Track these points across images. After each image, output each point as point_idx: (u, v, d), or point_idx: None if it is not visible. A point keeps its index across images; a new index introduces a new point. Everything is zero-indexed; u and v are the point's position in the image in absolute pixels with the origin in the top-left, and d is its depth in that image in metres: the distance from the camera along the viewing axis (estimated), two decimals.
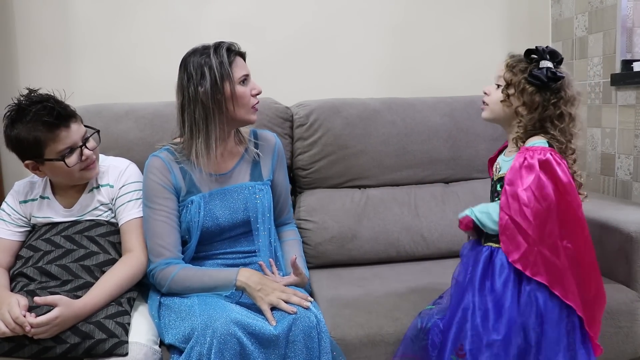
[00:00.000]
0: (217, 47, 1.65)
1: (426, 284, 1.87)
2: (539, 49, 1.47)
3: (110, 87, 2.44)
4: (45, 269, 1.58)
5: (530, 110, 1.47)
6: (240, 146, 1.79)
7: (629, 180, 2.30)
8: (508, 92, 1.49)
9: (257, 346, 1.41)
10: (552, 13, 2.73)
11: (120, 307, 1.54)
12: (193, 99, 1.62)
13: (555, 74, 1.44)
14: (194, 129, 1.64)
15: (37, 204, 1.73)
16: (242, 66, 1.68)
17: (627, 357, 1.77)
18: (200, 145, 1.64)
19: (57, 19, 2.40)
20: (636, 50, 2.31)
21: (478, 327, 1.41)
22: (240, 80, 1.65)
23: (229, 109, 1.64)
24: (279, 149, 1.86)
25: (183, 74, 1.65)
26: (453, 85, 2.61)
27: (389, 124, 2.29)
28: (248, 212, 1.71)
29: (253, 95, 1.69)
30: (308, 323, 1.47)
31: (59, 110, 1.60)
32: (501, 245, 1.43)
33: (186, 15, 2.47)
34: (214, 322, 1.40)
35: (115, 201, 1.74)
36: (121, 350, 1.44)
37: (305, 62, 2.58)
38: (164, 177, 1.68)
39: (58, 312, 1.41)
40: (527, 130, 1.48)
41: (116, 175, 1.76)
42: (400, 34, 2.64)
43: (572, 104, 1.47)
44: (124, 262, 1.63)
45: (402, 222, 2.19)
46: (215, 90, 1.61)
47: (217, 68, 1.61)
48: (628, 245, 1.80)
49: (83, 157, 1.65)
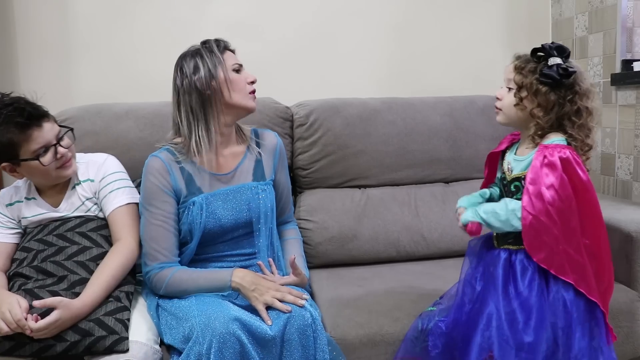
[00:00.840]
0: (204, 42, 1.68)
1: (426, 283, 1.87)
2: (545, 47, 1.43)
3: (110, 87, 2.44)
4: (40, 267, 1.58)
5: (546, 110, 1.43)
6: (242, 145, 1.78)
7: (629, 180, 2.30)
8: (521, 95, 1.44)
9: (255, 345, 1.41)
10: (552, 13, 2.73)
11: (119, 303, 1.54)
12: (188, 90, 1.63)
13: (566, 70, 1.40)
14: (192, 119, 1.64)
15: (24, 205, 1.73)
16: (233, 57, 1.70)
17: (627, 357, 1.77)
18: (201, 133, 1.63)
19: (57, 19, 2.40)
20: (636, 50, 2.31)
21: (506, 331, 1.39)
22: (234, 69, 1.66)
23: (224, 94, 1.64)
24: (281, 148, 1.86)
25: (176, 74, 1.66)
26: (453, 85, 2.61)
27: (389, 124, 2.29)
28: (251, 213, 1.70)
29: (248, 83, 1.69)
30: (303, 321, 1.47)
31: (30, 110, 1.60)
32: (525, 245, 1.40)
33: (186, 15, 2.47)
34: (213, 322, 1.40)
35: (99, 194, 1.74)
36: (121, 347, 1.45)
37: (305, 62, 2.57)
38: (163, 179, 1.66)
39: (58, 314, 1.41)
40: (545, 130, 1.45)
41: (95, 169, 1.76)
42: (401, 34, 2.64)
43: (588, 97, 1.43)
44: (114, 252, 1.63)
45: (402, 222, 2.19)
46: (210, 77, 1.62)
47: (208, 57, 1.63)
48: (628, 245, 1.80)
49: (58, 155, 1.65)
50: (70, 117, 2.09)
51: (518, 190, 1.47)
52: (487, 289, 1.46)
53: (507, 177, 1.52)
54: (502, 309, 1.41)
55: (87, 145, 2.00)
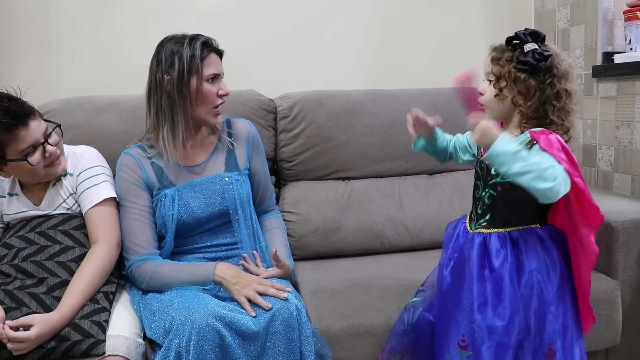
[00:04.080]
0: (193, 39, 1.63)
1: (410, 275, 1.88)
2: (519, 34, 1.43)
3: (92, 79, 2.41)
4: (20, 266, 1.55)
5: (527, 97, 1.42)
6: (213, 136, 1.77)
7: (610, 172, 2.33)
8: (500, 85, 1.44)
9: (236, 338, 1.41)
10: (535, 5, 2.74)
11: (96, 305, 1.52)
12: (159, 87, 1.61)
13: (542, 54, 1.39)
14: (160, 115, 1.64)
15: (6, 201, 1.71)
16: (215, 64, 1.66)
17: (606, 345, 1.80)
18: (167, 133, 1.63)
19: (38, 10, 2.36)
20: (617, 42, 2.33)
21: (477, 316, 1.40)
22: (209, 78, 1.63)
23: (192, 104, 1.63)
24: (254, 136, 1.83)
25: (154, 59, 1.64)
26: (437, 77, 2.60)
27: (372, 116, 2.30)
28: (226, 203, 1.70)
29: (219, 96, 1.67)
30: (288, 313, 1.47)
31: (15, 109, 1.55)
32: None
33: (168, 6, 2.45)
34: (193, 314, 1.40)
35: (77, 189, 1.70)
36: (97, 350, 1.43)
37: (288, 54, 2.57)
38: (135, 174, 1.67)
39: (37, 331, 1.38)
40: (530, 118, 1.43)
41: (74, 163, 1.72)
42: (384, 26, 2.63)
43: (567, 79, 1.42)
44: (90, 257, 1.59)
45: (386, 214, 2.20)
46: (181, 83, 1.60)
47: (187, 60, 1.60)
48: (609, 235, 1.83)
49: (47, 154, 1.61)
50: (52, 109, 2.06)
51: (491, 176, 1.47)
52: (461, 273, 1.47)
53: (483, 160, 1.51)
54: (476, 293, 1.42)
55: (68, 139, 1.97)
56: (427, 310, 1.55)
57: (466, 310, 1.42)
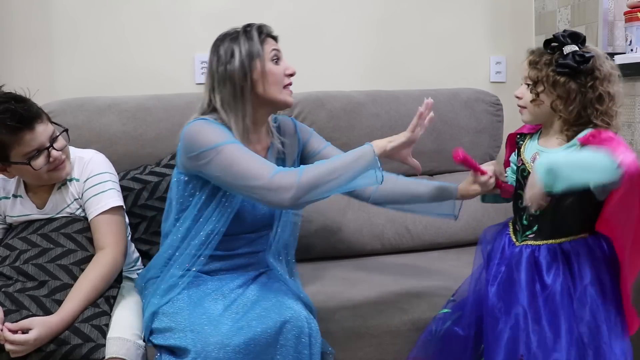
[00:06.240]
0: (247, 27, 1.60)
1: (411, 276, 1.88)
2: (557, 36, 1.38)
3: (92, 80, 2.40)
4: (22, 269, 1.54)
5: (567, 101, 1.36)
6: (267, 138, 1.71)
7: None
8: (537, 90, 1.39)
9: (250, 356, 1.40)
10: (536, 6, 2.74)
11: (96, 309, 1.51)
12: (223, 78, 1.56)
13: (583, 56, 1.34)
14: (226, 108, 1.57)
15: (10, 203, 1.69)
16: (274, 45, 1.63)
17: None
18: (233, 125, 1.56)
19: (39, 11, 2.36)
20: (617, 43, 2.33)
21: (533, 344, 1.34)
22: (272, 58, 1.60)
23: (259, 87, 1.57)
24: (300, 130, 1.78)
25: (213, 57, 1.59)
26: (437, 78, 2.61)
27: (373, 117, 2.30)
28: (271, 210, 1.64)
29: (286, 75, 1.63)
30: (300, 329, 1.45)
31: (22, 112, 1.52)
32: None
33: (168, 7, 2.45)
34: (208, 346, 1.38)
35: (83, 195, 1.67)
36: (97, 354, 1.42)
37: (289, 55, 2.52)
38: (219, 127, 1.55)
39: (36, 333, 1.37)
40: (572, 124, 1.38)
41: (81, 168, 1.69)
42: (385, 27, 2.63)
43: (609, 81, 1.37)
44: (96, 262, 1.57)
45: (386, 215, 2.20)
46: (245, 68, 1.55)
47: (247, 46, 1.56)
48: None
49: (51, 159, 1.59)
50: (52, 110, 2.05)
51: None
52: (510, 289, 1.42)
53: (527, 168, 1.45)
54: (528, 309, 1.37)
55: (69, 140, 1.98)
56: (455, 324, 1.51)
57: (520, 328, 1.37)
